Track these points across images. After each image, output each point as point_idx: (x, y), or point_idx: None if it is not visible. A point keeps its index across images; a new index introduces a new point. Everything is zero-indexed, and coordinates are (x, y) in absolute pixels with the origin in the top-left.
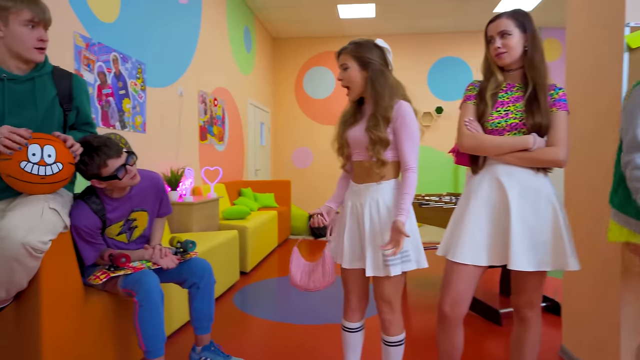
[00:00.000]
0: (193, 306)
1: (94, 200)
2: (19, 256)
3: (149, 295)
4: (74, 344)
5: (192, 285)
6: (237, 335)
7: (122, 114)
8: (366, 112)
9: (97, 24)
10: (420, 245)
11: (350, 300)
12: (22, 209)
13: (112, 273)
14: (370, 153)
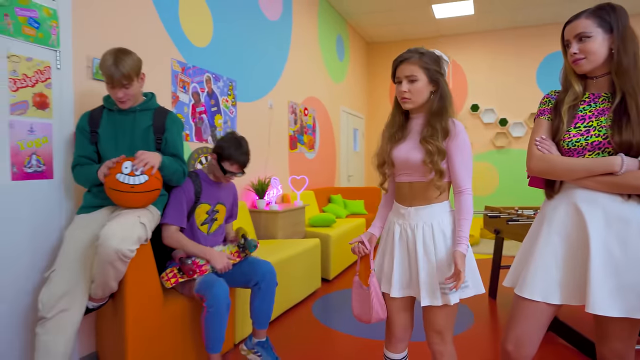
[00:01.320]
0: (254, 304)
1: (197, 183)
2: (113, 261)
3: (216, 303)
4: (156, 341)
5: (255, 285)
6: (307, 342)
7: (214, 129)
8: (412, 127)
9: (191, 49)
10: (476, 269)
11: (395, 331)
12: (119, 219)
13: (181, 278)
14: (429, 166)
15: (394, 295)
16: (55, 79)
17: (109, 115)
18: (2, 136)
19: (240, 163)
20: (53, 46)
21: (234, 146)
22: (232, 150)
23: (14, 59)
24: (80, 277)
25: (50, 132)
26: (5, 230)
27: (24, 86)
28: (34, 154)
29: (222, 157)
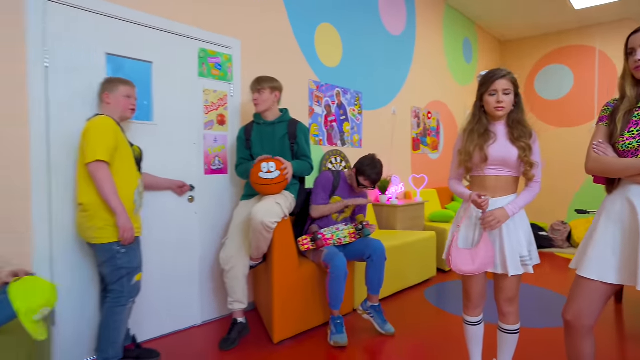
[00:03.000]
0: (368, 273)
1: (337, 178)
2: (260, 230)
3: (337, 271)
4: (294, 294)
5: (368, 258)
6: (416, 317)
7: (343, 135)
8: (497, 130)
9: (324, 70)
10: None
11: (473, 299)
12: (262, 202)
13: (312, 247)
14: (524, 160)
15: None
16: (230, 104)
17: (258, 127)
18: (199, 145)
19: (372, 180)
20: (229, 81)
21: (370, 166)
22: (368, 170)
23: (207, 92)
24: (243, 243)
25: (226, 141)
26: (200, 208)
27: (212, 110)
28: (217, 156)
29: (359, 172)
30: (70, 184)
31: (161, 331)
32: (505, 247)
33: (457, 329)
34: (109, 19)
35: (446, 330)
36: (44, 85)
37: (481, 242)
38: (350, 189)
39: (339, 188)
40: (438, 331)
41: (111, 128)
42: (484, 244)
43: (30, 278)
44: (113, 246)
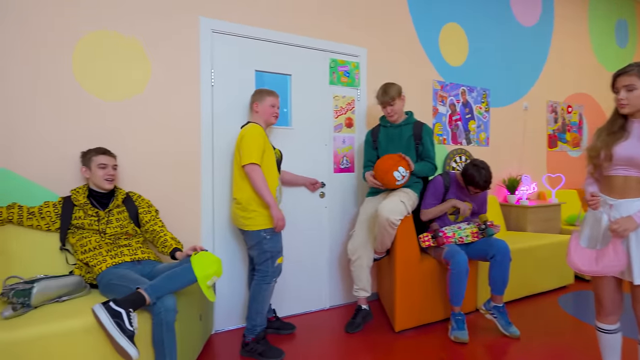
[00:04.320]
0: (491, 273)
1: (447, 180)
2: (385, 226)
3: (457, 267)
4: (415, 288)
5: (492, 257)
6: (546, 324)
7: (468, 133)
8: (633, 129)
9: (449, 69)
10: None
11: (604, 304)
12: (388, 200)
13: (433, 244)
14: None
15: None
16: (357, 108)
17: (384, 130)
18: (329, 146)
19: (479, 188)
20: (356, 86)
21: (477, 174)
22: (475, 177)
23: (337, 98)
24: (368, 236)
25: (353, 142)
26: (330, 203)
27: (340, 114)
28: (344, 156)
29: (466, 181)
30: (226, 181)
31: (295, 310)
32: (632, 254)
33: (595, 340)
34: (257, 41)
35: (580, 340)
36: (211, 100)
37: (610, 245)
38: (464, 191)
39: (450, 190)
40: (570, 339)
41: (261, 134)
42: (613, 248)
43: (205, 253)
44: (260, 232)
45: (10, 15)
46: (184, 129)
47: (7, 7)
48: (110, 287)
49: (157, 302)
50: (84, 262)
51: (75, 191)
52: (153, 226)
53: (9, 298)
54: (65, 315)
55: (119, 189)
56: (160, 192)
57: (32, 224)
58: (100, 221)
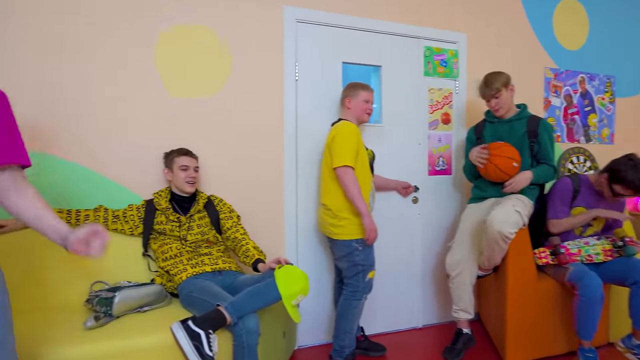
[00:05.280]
0: (632, 303)
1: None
2: (497, 240)
3: (588, 293)
4: (530, 312)
5: (634, 284)
6: None
7: (587, 129)
8: None
9: (564, 54)
10: None
11: None
12: (499, 209)
13: (552, 261)
14: None
15: None
16: (455, 101)
17: (491, 126)
18: (423, 145)
19: (634, 189)
20: (454, 77)
21: (632, 171)
22: (630, 174)
23: (432, 91)
24: (471, 250)
25: (450, 140)
26: (424, 209)
27: (436, 109)
28: (440, 156)
29: (614, 179)
30: (311, 182)
31: (384, 328)
32: None
33: None
34: (344, 30)
35: None
36: (294, 95)
37: None
38: (597, 196)
39: (579, 196)
40: None
41: (355, 133)
42: None
43: (290, 267)
44: (352, 243)
45: (93, 16)
46: (266, 127)
47: (95, 7)
48: (190, 300)
49: (239, 322)
50: (165, 270)
51: (158, 194)
52: (234, 233)
53: (93, 305)
54: (145, 329)
55: (201, 192)
56: (241, 195)
57: (116, 227)
58: (181, 227)
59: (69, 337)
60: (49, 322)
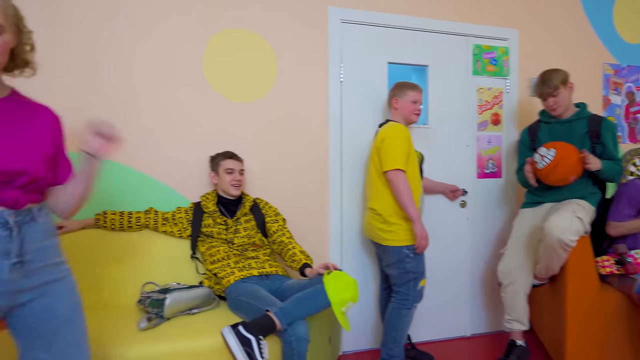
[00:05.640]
0: None
1: None
2: (555, 248)
3: None
4: (593, 325)
5: None
6: None
7: None
8: None
9: (626, 48)
10: None
11: None
12: (558, 215)
13: (617, 271)
14: None
15: None
16: (505, 101)
17: (547, 127)
18: (472, 147)
19: None
20: (505, 76)
21: None
22: None
23: (481, 90)
24: (526, 257)
25: (500, 142)
26: (472, 214)
27: (486, 109)
28: (490, 159)
29: None
30: (355, 185)
31: (431, 336)
32: None
33: None
34: (389, 29)
35: None
36: (339, 98)
37: None
38: None
39: None
40: None
41: (406, 136)
42: None
43: (340, 273)
44: (403, 249)
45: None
46: (310, 130)
47: (146, 13)
48: (238, 304)
49: (288, 328)
50: (212, 273)
51: (205, 197)
52: (280, 237)
53: (145, 306)
54: (195, 332)
55: (247, 195)
56: (285, 198)
57: (166, 230)
58: (228, 230)
59: (124, 338)
60: (104, 321)
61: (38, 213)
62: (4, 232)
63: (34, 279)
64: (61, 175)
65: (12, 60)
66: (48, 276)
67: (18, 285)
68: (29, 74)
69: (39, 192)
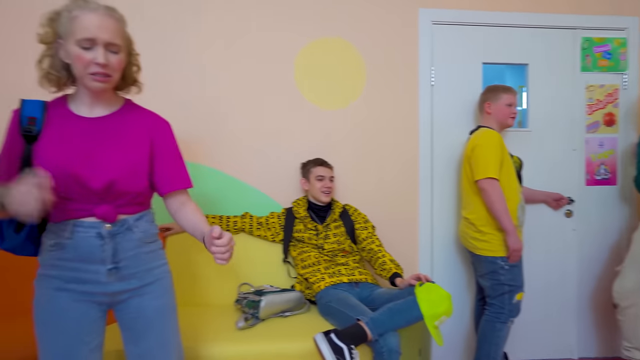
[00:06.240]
0: None
1: None
2: None
3: None
4: None
5: None
6: None
7: None
8: None
9: None
10: None
11: None
12: None
13: None
14: None
15: None
16: (622, 98)
17: None
18: (579, 151)
19: None
20: (622, 70)
21: None
22: None
23: (591, 88)
24: None
25: (615, 145)
26: (580, 225)
27: (597, 109)
28: (602, 164)
29: None
30: (448, 193)
31: (531, 354)
32: None
33: None
34: (484, 27)
35: None
36: (430, 102)
37: None
38: None
39: None
40: None
41: (499, 143)
42: None
43: (432, 286)
44: (497, 260)
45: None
46: (399, 136)
47: (238, 27)
48: (329, 310)
49: (380, 339)
50: (304, 277)
51: (296, 203)
52: (370, 245)
53: (242, 306)
54: (287, 335)
55: (336, 201)
56: (374, 205)
57: (259, 234)
58: (318, 236)
59: (223, 336)
60: (202, 318)
61: (134, 223)
62: (98, 241)
63: (129, 283)
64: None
65: (122, 79)
66: (141, 280)
67: (115, 287)
68: (134, 91)
69: (137, 204)
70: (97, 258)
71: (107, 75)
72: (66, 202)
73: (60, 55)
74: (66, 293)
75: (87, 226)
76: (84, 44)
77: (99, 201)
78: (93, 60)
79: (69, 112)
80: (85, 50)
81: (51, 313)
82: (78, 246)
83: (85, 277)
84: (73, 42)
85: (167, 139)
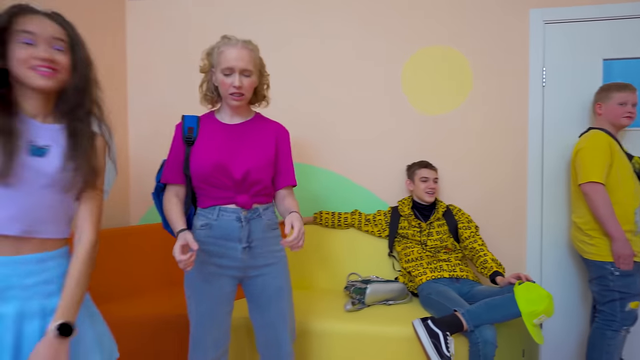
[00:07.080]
0: None
1: None
2: None
3: None
4: None
5: None
6: None
7: None
8: None
9: None
10: None
11: None
12: None
13: None
14: None
15: None
16: None
17: None
18: None
19: None
20: None
21: None
22: None
23: None
24: None
25: None
26: None
27: None
28: None
29: None
30: (559, 196)
31: None
32: None
33: None
34: (602, 22)
35: None
36: (541, 103)
37: None
38: None
39: None
40: None
41: (605, 145)
42: None
43: (532, 285)
44: (606, 265)
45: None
46: (507, 138)
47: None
48: (428, 301)
49: (475, 330)
50: (407, 271)
51: (402, 202)
52: (472, 244)
53: (350, 292)
54: (388, 320)
55: (440, 201)
56: (480, 206)
57: (367, 229)
58: (422, 233)
59: (332, 314)
60: (315, 299)
61: (263, 212)
62: (238, 223)
63: (257, 260)
64: (281, 180)
65: (254, 95)
66: (266, 260)
67: (247, 263)
68: (263, 105)
69: (265, 195)
70: (236, 237)
71: (241, 95)
72: (215, 190)
73: (213, 80)
74: (210, 266)
75: (230, 211)
76: (225, 71)
77: (239, 191)
78: (232, 84)
79: (216, 121)
80: (226, 77)
81: (199, 280)
82: (223, 227)
83: (225, 252)
84: (219, 71)
85: (286, 144)
